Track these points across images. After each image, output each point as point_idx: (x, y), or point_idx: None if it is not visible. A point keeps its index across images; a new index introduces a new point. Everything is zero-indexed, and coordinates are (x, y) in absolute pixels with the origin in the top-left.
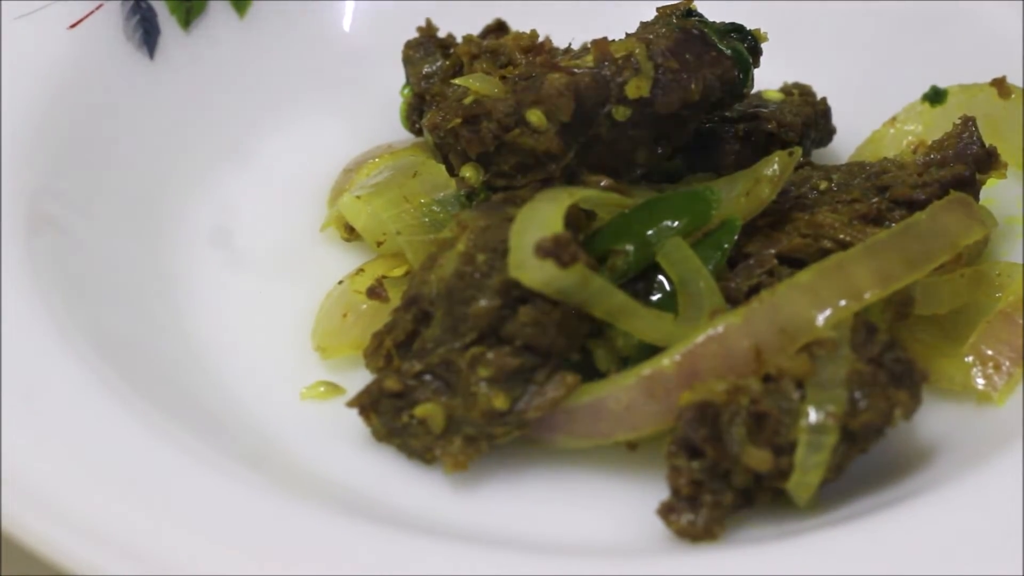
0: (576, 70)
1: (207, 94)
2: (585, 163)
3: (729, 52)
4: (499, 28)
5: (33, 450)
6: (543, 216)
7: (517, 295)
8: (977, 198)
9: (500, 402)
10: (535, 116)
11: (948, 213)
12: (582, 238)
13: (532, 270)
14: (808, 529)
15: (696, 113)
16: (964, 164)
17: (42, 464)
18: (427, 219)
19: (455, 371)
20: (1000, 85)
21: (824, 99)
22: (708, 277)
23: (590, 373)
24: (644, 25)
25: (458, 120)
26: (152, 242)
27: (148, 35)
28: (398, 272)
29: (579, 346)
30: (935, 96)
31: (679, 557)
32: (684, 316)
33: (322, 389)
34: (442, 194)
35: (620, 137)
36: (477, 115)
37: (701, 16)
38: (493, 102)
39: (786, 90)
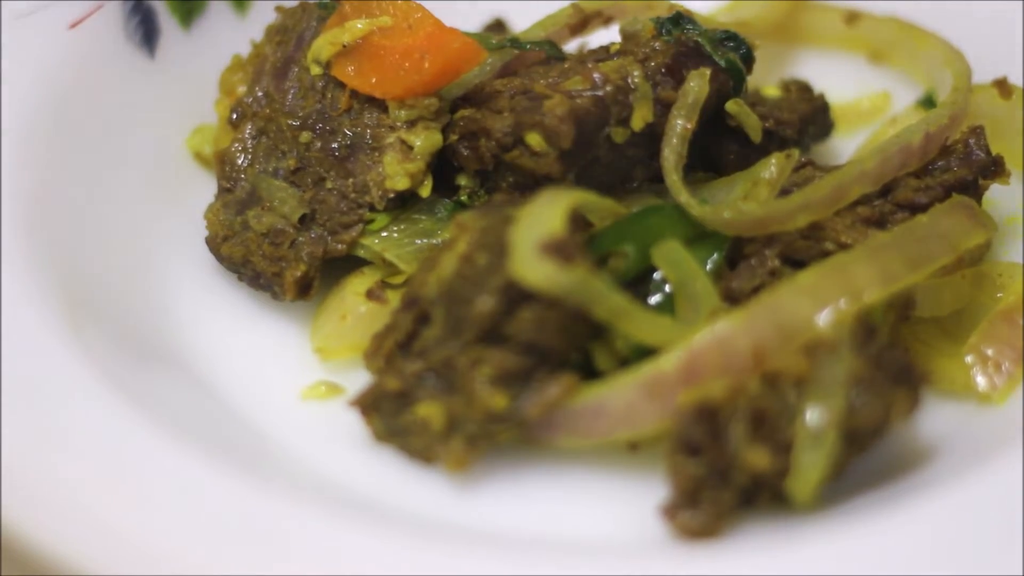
0: (575, 93)
1: (208, 94)
2: (583, 182)
3: (723, 63)
4: (497, 26)
5: (34, 450)
6: (545, 216)
7: (518, 295)
8: (979, 202)
9: (500, 401)
10: (534, 139)
11: (950, 216)
12: (582, 239)
13: (533, 270)
14: (808, 529)
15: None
16: (968, 168)
17: (43, 464)
18: (416, 234)
19: (456, 371)
20: (1001, 85)
21: (822, 94)
22: (705, 279)
23: (590, 373)
24: (630, 36)
25: (455, 136)
26: (152, 241)
27: (148, 35)
28: (398, 279)
29: (579, 347)
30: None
31: (679, 556)
32: (682, 318)
33: (323, 389)
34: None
35: (619, 157)
36: (475, 132)
37: (693, 22)
38: (491, 120)
39: (784, 86)
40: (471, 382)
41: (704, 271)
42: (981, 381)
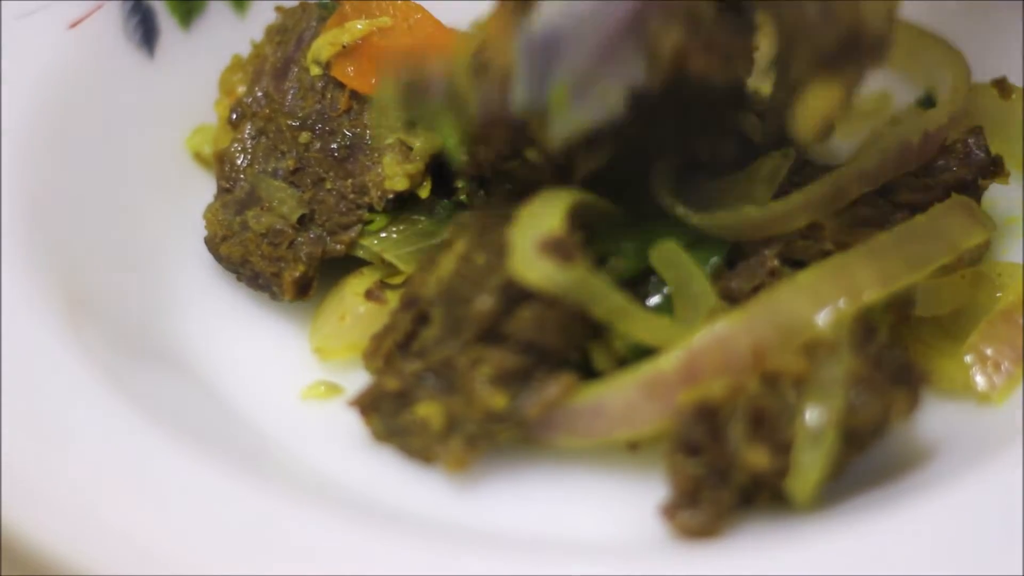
0: None
1: (207, 94)
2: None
3: None
4: None
5: (34, 450)
6: (545, 215)
7: (517, 294)
8: (979, 202)
9: (500, 401)
10: (532, 153)
11: (949, 216)
12: (581, 238)
13: (533, 268)
14: (808, 529)
15: None
16: (967, 168)
17: (42, 464)
18: (415, 234)
19: (455, 370)
20: (1001, 85)
21: None
22: (703, 280)
23: (589, 373)
24: None
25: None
26: (152, 241)
27: (148, 35)
28: (397, 280)
29: (578, 346)
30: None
31: (679, 556)
32: (681, 318)
33: (322, 389)
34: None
35: (617, 167)
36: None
37: None
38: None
39: None
40: (471, 382)
41: (702, 272)
42: (980, 381)
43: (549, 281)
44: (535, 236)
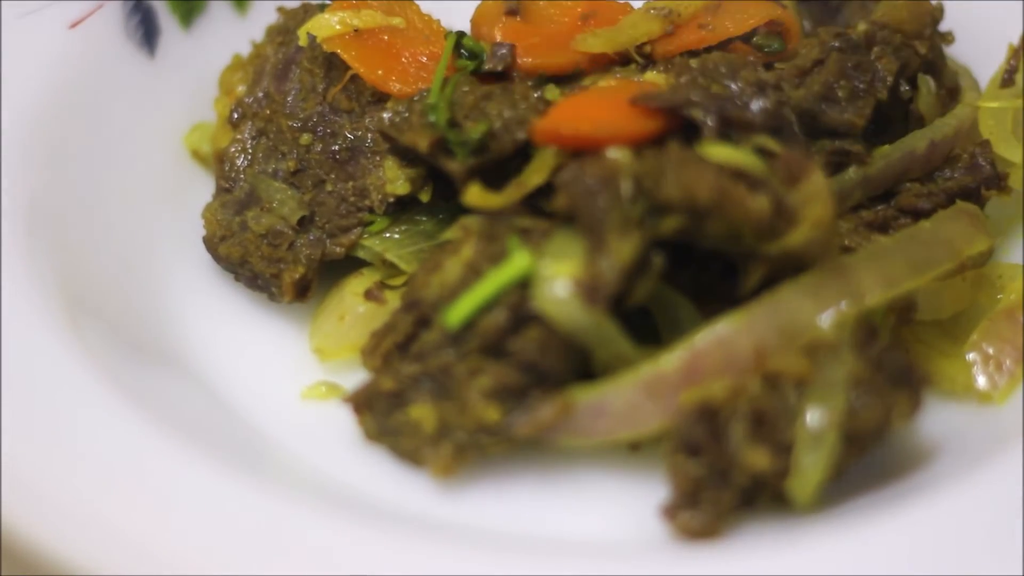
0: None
1: (207, 94)
2: None
3: None
4: None
5: (33, 450)
6: (576, 251)
7: (527, 314)
8: (982, 209)
9: (492, 414)
10: None
11: (953, 222)
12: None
13: (557, 304)
14: (808, 529)
15: None
16: (972, 177)
17: (42, 464)
18: (417, 235)
19: (452, 378)
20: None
21: None
22: (688, 306)
23: (588, 373)
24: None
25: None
26: (151, 242)
27: (148, 34)
28: (397, 281)
29: (576, 373)
30: None
31: (679, 557)
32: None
33: (323, 389)
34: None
35: None
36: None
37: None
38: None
39: None
40: (467, 391)
41: (684, 298)
42: (982, 380)
43: (569, 320)
44: (570, 272)
